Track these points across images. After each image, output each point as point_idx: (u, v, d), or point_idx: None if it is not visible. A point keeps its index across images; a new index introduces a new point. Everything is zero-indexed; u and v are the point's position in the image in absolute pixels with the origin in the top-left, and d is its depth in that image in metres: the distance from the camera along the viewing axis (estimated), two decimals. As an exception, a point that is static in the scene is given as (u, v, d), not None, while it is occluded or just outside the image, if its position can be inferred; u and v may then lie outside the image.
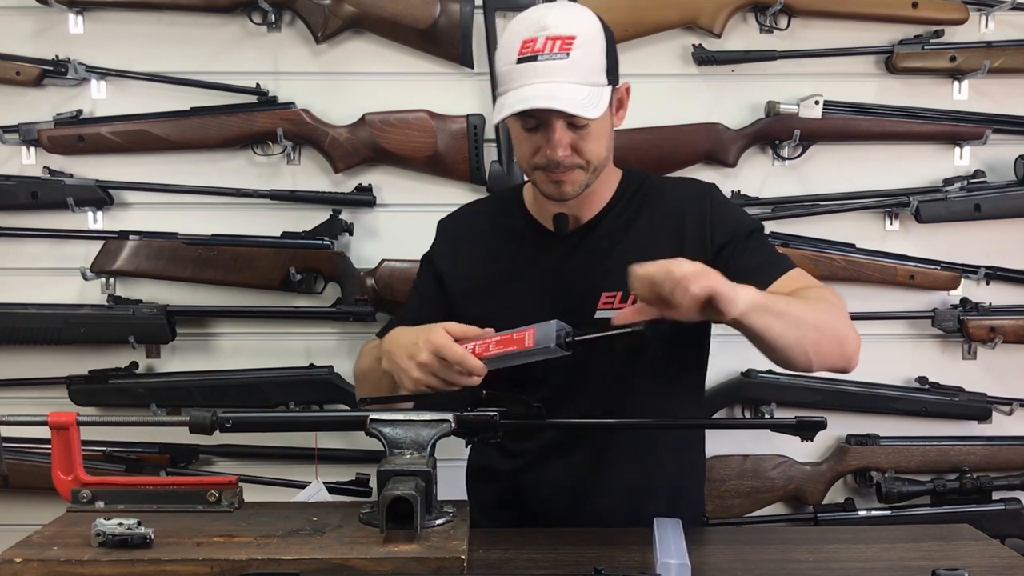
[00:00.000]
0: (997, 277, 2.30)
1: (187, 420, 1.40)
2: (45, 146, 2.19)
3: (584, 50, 1.48)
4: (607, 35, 1.54)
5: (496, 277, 1.67)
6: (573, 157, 1.53)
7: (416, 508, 1.24)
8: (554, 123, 1.50)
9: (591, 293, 1.60)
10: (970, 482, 2.23)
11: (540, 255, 1.66)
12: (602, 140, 1.55)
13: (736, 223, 1.64)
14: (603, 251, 1.63)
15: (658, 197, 1.67)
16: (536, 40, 1.48)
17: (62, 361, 2.25)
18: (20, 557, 1.21)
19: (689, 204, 1.64)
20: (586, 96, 1.48)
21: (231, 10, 2.19)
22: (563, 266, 1.64)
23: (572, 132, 1.51)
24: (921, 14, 2.21)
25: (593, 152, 1.54)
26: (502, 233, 1.71)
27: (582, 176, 1.56)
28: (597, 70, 1.51)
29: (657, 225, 1.64)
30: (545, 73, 1.47)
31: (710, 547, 1.37)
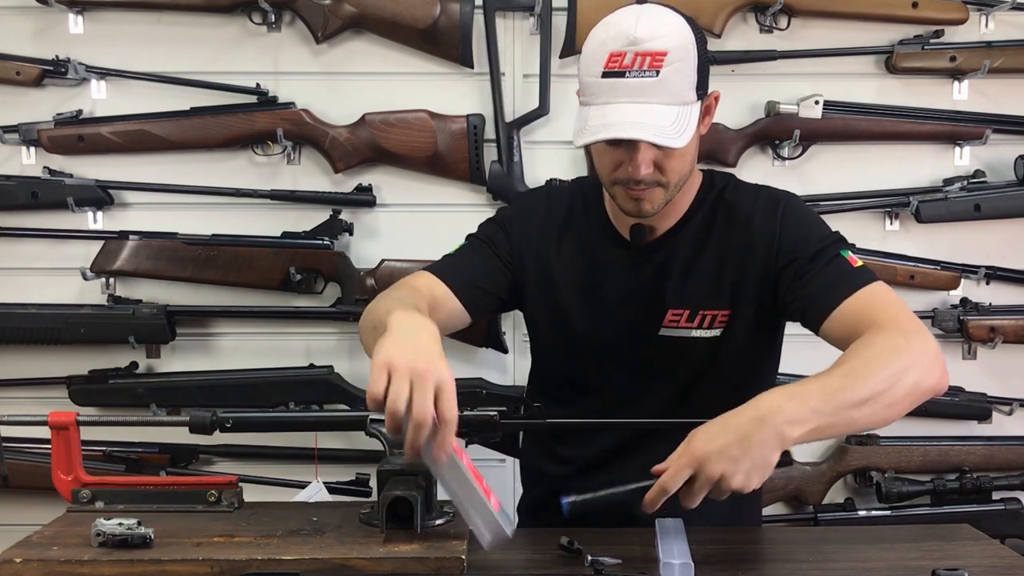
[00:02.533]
0: (997, 277, 2.30)
1: (187, 420, 1.40)
2: (45, 146, 2.19)
3: (675, 66, 1.39)
4: (700, 45, 1.44)
5: (566, 275, 1.61)
6: (655, 175, 1.45)
7: (416, 508, 1.24)
8: (639, 142, 1.41)
9: (658, 309, 1.56)
10: (970, 482, 2.23)
11: (613, 263, 1.60)
12: (686, 157, 1.47)
13: (801, 243, 1.52)
14: (674, 268, 1.57)
15: (734, 210, 1.58)
16: (624, 55, 1.39)
17: (62, 361, 2.25)
18: (20, 557, 1.21)
19: (760, 220, 1.55)
20: (674, 120, 1.39)
21: (231, 10, 2.19)
22: (634, 278, 1.58)
23: (657, 150, 1.42)
24: (921, 14, 2.21)
25: (676, 170, 1.46)
26: (578, 230, 1.63)
27: (662, 195, 1.48)
28: (687, 87, 1.41)
29: (731, 243, 1.56)
30: (632, 92, 1.39)
31: (710, 547, 1.37)
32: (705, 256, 1.57)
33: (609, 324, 1.59)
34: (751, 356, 1.60)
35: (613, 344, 1.59)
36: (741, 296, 1.55)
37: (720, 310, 1.55)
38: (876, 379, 1.32)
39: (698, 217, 1.59)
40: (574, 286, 1.61)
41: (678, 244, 1.59)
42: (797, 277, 1.49)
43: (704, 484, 1.23)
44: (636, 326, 1.58)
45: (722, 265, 1.56)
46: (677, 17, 1.44)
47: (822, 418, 1.26)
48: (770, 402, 1.26)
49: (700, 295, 1.56)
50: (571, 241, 1.63)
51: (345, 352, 2.29)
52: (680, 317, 1.56)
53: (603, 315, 1.59)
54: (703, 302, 1.56)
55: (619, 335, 1.59)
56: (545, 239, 1.63)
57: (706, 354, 1.57)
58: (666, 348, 1.57)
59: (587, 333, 1.60)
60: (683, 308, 1.56)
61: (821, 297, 1.46)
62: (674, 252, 1.58)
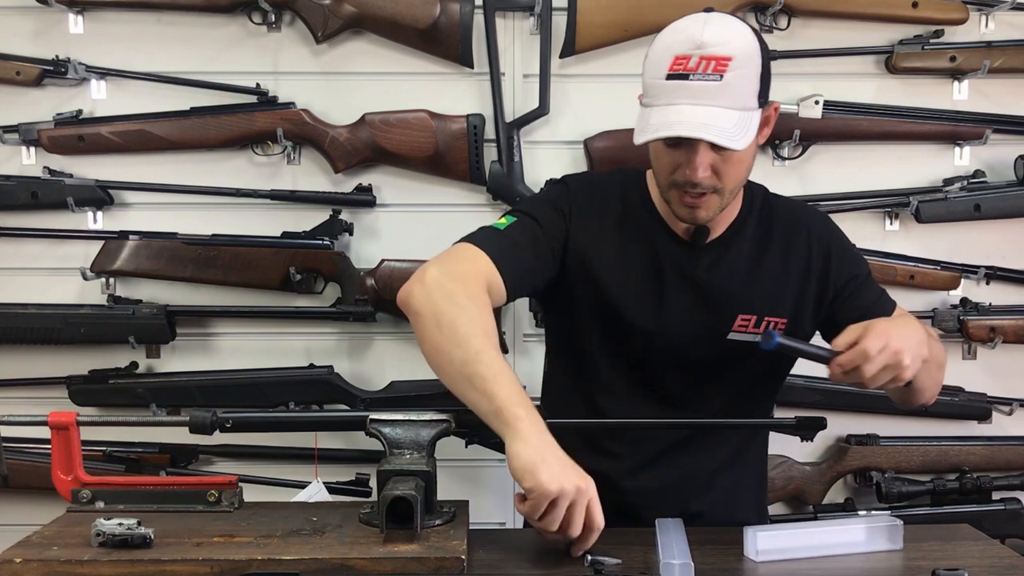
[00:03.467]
0: (997, 277, 2.30)
1: (187, 420, 1.40)
2: (45, 146, 2.19)
3: (739, 72, 1.40)
4: (764, 55, 1.45)
5: (627, 270, 1.57)
6: (713, 180, 1.45)
7: (416, 508, 1.24)
8: (698, 144, 1.42)
9: (728, 313, 1.57)
10: (970, 482, 2.23)
11: (678, 262, 1.58)
12: (744, 164, 1.49)
13: (858, 261, 1.66)
14: (741, 271, 1.58)
15: (786, 219, 1.63)
16: (690, 58, 1.40)
17: (62, 361, 2.25)
18: (20, 557, 1.21)
19: (817, 234, 1.62)
20: (735, 124, 1.40)
21: (231, 10, 2.19)
22: (702, 279, 1.57)
23: (715, 153, 1.43)
24: (921, 14, 2.21)
25: (733, 177, 1.48)
26: (633, 224, 1.59)
27: (717, 202, 1.49)
28: (750, 94, 1.42)
29: (790, 251, 1.60)
30: (695, 94, 1.40)
31: (710, 547, 1.37)
32: (768, 261, 1.59)
33: (676, 325, 1.57)
34: (788, 365, 1.68)
35: (678, 346, 1.58)
36: (800, 305, 1.59)
37: (781, 318, 1.58)
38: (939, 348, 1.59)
39: (752, 220, 1.61)
40: (637, 282, 1.58)
41: (741, 247, 1.59)
42: (857, 292, 1.60)
43: (890, 354, 1.36)
44: (705, 329, 1.57)
45: (784, 272, 1.59)
46: (744, 26, 1.45)
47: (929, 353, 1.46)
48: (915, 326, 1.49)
49: (766, 301, 1.58)
50: (632, 236, 1.59)
51: (345, 352, 2.29)
52: (748, 323, 1.57)
53: (669, 315, 1.57)
54: (768, 309, 1.57)
55: (686, 337, 1.57)
56: (606, 232, 1.58)
57: (759, 360, 1.57)
58: (729, 352, 1.58)
59: (650, 332, 1.57)
60: (752, 314, 1.57)
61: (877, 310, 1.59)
62: (738, 255, 1.59)
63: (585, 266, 1.57)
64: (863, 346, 1.36)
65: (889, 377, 1.38)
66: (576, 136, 2.24)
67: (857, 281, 1.62)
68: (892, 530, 1.39)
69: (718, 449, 1.63)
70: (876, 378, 1.37)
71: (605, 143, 2.20)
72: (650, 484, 1.60)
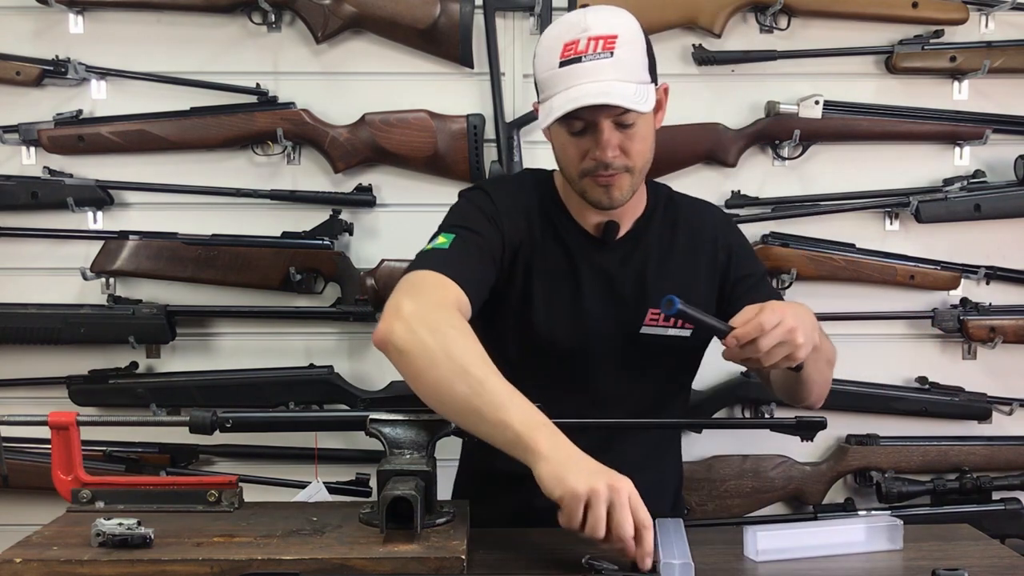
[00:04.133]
0: (997, 277, 2.30)
1: (187, 420, 1.40)
2: (45, 146, 2.19)
3: (628, 48, 1.47)
4: (645, 35, 1.53)
5: (548, 273, 1.61)
6: (622, 158, 1.50)
7: (416, 508, 1.24)
8: (602, 123, 1.47)
9: (639, 307, 1.60)
10: (970, 482, 2.23)
11: (590, 260, 1.61)
12: (648, 141, 1.54)
13: (755, 261, 1.72)
14: (650, 265, 1.62)
15: (691, 215, 1.68)
16: (578, 42, 1.46)
17: (62, 361, 2.25)
18: (20, 557, 1.21)
19: (721, 230, 1.69)
20: (635, 92, 1.46)
21: (231, 10, 2.19)
22: (613, 275, 1.61)
23: (620, 132, 1.49)
24: (921, 14, 2.21)
25: (640, 153, 1.52)
26: (548, 224, 1.62)
27: (629, 181, 1.53)
28: (641, 67, 1.50)
29: (697, 246, 1.65)
30: (591, 73, 1.45)
31: (710, 547, 1.37)
32: (675, 256, 1.63)
33: (592, 321, 1.60)
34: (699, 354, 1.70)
35: (597, 344, 1.60)
36: (706, 299, 1.63)
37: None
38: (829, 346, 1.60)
39: (657, 216, 1.66)
40: (554, 281, 1.61)
41: (649, 242, 1.63)
42: (753, 287, 1.64)
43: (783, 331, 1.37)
44: (618, 324, 1.60)
45: (692, 266, 1.63)
46: (621, 9, 1.53)
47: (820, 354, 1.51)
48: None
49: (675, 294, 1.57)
50: (547, 234, 1.62)
51: (345, 352, 2.29)
52: (659, 316, 1.59)
53: (585, 312, 1.60)
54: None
55: (602, 333, 1.60)
56: (529, 231, 1.61)
57: (677, 353, 1.63)
58: (645, 347, 1.61)
59: (571, 333, 1.60)
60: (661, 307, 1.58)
61: None
62: (647, 250, 1.63)
63: (516, 267, 1.59)
64: (759, 319, 1.38)
65: (784, 354, 1.39)
66: (576, 136, 2.24)
67: (752, 279, 1.66)
68: (892, 530, 1.40)
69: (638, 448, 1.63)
70: (771, 354, 1.39)
71: (605, 143, 2.20)
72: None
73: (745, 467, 2.27)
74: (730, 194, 2.25)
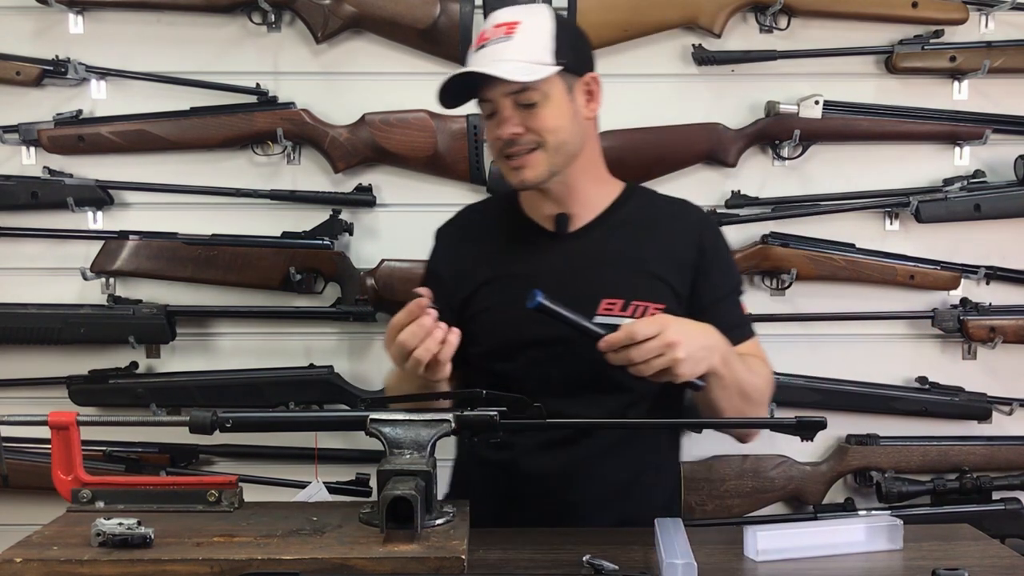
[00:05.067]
0: (997, 277, 2.30)
1: (187, 420, 1.40)
2: (45, 146, 2.19)
3: (528, 33, 1.53)
4: (561, 25, 1.57)
5: (498, 279, 1.65)
6: (526, 135, 1.54)
7: (416, 508, 1.24)
8: (500, 101, 1.54)
9: (591, 298, 1.59)
10: (970, 482, 2.23)
11: (540, 256, 1.64)
12: (559, 120, 1.55)
13: (731, 271, 1.70)
14: (605, 257, 1.62)
15: (667, 215, 1.68)
16: (485, 31, 1.56)
17: (62, 361, 2.25)
18: (20, 557, 1.21)
19: (692, 224, 1.68)
20: (519, 67, 1.50)
21: (231, 10, 2.19)
22: (564, 267, 1.62)
23: (522, 112, 1.54)
24: (921, 14, 2.21)
25: (549, 130, 1.54)
26: (501, 235, 1.69)
27: (542, 158, 1.56)
28: (541, 49, 1.53)
29: (665, 244, 1.64)
30: (489, 55, 1.53)
31: (710, 547, 1.37)
32: (640, 250, 1.63)
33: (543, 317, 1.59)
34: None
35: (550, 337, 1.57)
36: (675, 297, 1.61)
37: (654, 303, 1.58)
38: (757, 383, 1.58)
39: (622, 211, 1.66)
40: (509, 286, 1.62)
41: (604, 234, 1.64)
42: (715, 302, 1.63)
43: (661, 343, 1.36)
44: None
45: (659, 261, 1.62)
46: (544, 6, 1.62)
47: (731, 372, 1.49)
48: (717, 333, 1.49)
49: (634, 286, 1.59)
50: (492, 247, 1.67)
51: (345, 352, 2.29)
52: (614, 306, 1.58)
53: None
54: (638, 293, 1.59)
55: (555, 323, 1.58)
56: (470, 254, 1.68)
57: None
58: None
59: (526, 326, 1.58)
60: (617, 297, 1.58)
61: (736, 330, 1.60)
62: (602, 241, 1.63)
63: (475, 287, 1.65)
64: (632, 328, 1.37)
65: (661, 366, 1.38)
66: (576, 136, 2.24)
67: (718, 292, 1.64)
68: (892, 530, 1.40)
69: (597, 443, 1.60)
70: (647, 365, 1.37)
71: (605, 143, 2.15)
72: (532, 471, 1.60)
73: (745, 467, 2.27)
74: (730, 194, 2.25)
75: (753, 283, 2.30)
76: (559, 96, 1.54)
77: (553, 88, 1.53)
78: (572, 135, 1.58)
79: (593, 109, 1.62)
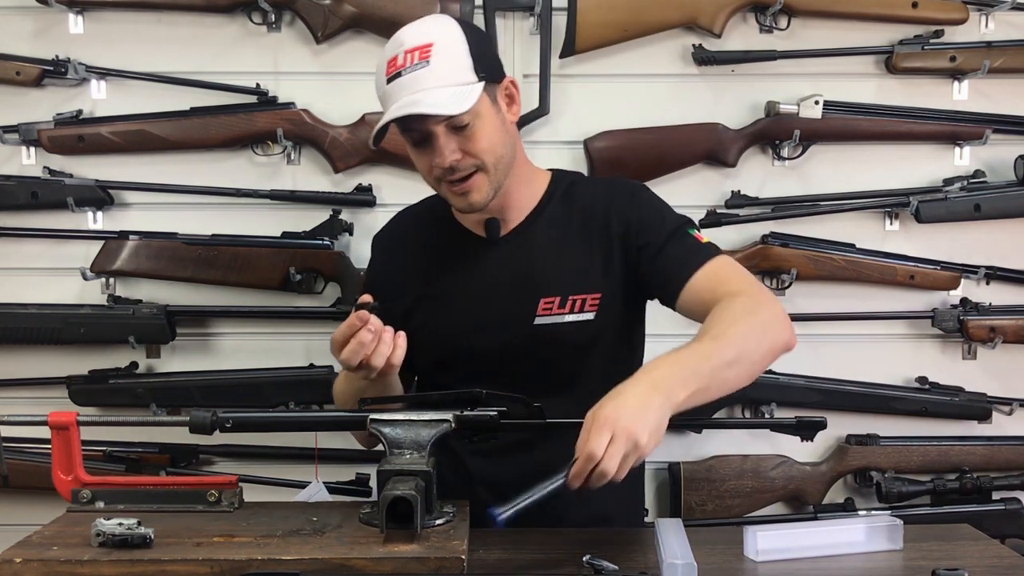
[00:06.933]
0: (997, 277, 2.30)
1: (187, 420, 1.40)
2: (45, 146, 2.19)
3: (443, 54, 1.49)
4: (470, 35, 1.54)
5: (434, 289, 1.66)
6: (466, 160, 1.52)
7: (416, 508, 1.24)
8: (434, 131, 1.50)
9: (529, 300, 1.59)
10: (970, 482, 2.23)
11: (475, 263, 1.64)
12: (493, 137, 1.54)
13: (658, 224, 1.61)
14: (538, 257, 1.61)
15: (588, 199, 1.66)
16: (397, 57, 1.51)
17: (62, 361, 2.24)
18: (20, 557, 1.21)
19: (616, 207, 1.63)
20: (450, 95, 1.48)
21: (231, 10, 2.19)
22: (499, 273, 1.62)
23: (457, 136, 1.51)
24: (921, 14, 2.21)
25: (486, 151, 1.53)
26: (435, 244, 1.69)
27: (484, 180, 1.54)
28: (462, 69, 1.51)
29: (589, 229, 1.63)
30: (409, 86, 1.49)
31: (710, 547, 1.37)
32: (568, 243, 1.62)
33: (485, 323, 1.61)
34: (627, 336, 1.67)
35: (493, 342, 1.60)
36: (609, 279, 1.60)
37: (590, 293, 1.59)
38: (741, 340, 1.41)
39: (551, 207, 1.65)
40: (446, 296, 1.64)
41: (538, 233, 1.63)
42: (652, 257, 1.58)
43: (622, 442, 1.25)
44: (512, 319, 1.60)
45: (588, 250, 1.61)
46: (441, 16, 1.59)
47: (701, 380, 1.35)
48: (657, 370, 1.35)
49: (569, 281, 1.59)
50: (425, 258, 1.68)
51: (345, 352, 2.29)
52: (552, 304, 1.59)
53: (477, 315, 1.61)
54: (573, 287, 1.59)
55: (497, 332, 1.60)
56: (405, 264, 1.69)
57: (584, 338, 1.60)
58: (544, 337, 1.59)
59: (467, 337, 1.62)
60: (554, 295, 1.58)
61: (674, 273, 1.55)
62: (534, 241, 1.63)
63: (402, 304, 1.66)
64: (588, 448, 1.26)
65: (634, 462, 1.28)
66: (576, 136, 2.24)
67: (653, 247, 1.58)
68: (892, 530, 1.40)
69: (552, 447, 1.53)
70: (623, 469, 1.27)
71: (605, 143, 2.20)
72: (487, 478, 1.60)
73: (745, 467, 2.27)
74: (730, 194, 2.25)
75: (753, 283, 2.30)
76: (487, 111, 1.53)
77: (481, 105, 1.51)
78: (506, 146, 1.57)
79: (516, 112, 1.61)
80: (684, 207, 2.21)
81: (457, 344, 1.63)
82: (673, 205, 1.70)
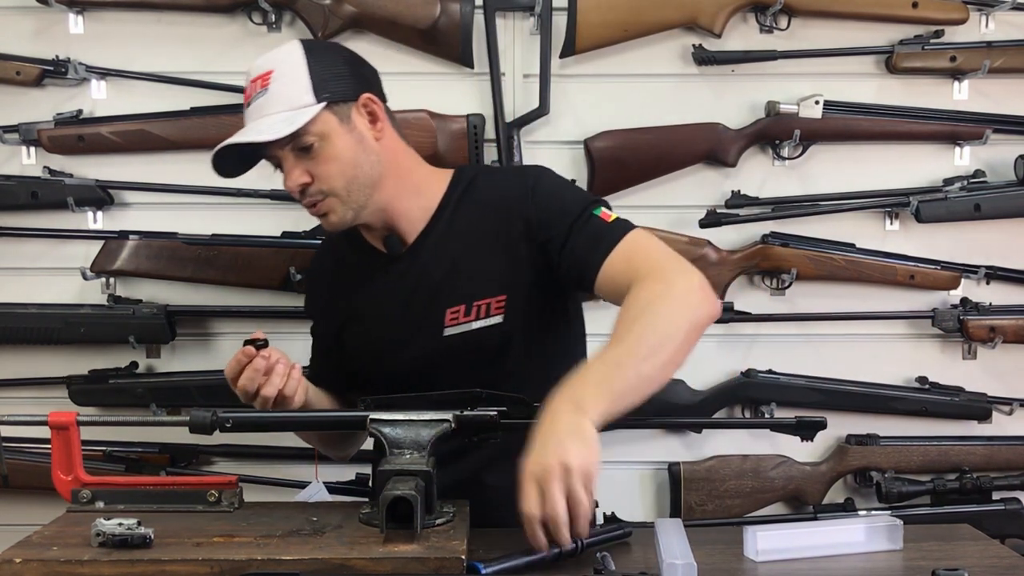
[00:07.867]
0: (997, 277, 2.30)
1: (187, 420, 1.40)
2: (45, 146, 2.19)
3: (280, 81, 1.51)
4: (315, 58, 1.53)
5: (354, 310, 1.67)
6: (316, 184, 1.53)
7: (416, 508, 1.24)
8: (279, 156, 1.53)
9: (436, 311, 1.58)
10: (970, 482, 2.23)
11: (383, 280, 1.64)
12: (344, 157, 1.53)
13: (556, 214, 1.55)
14: (439, 267, 1.60)
15: (487, 196, 1.62)
16: (247, 88, 1.55)
17: (62, 361, 2.25)
18: (20, 557, 1.21)
19: (513, 199, 1.59)
20: (281, 120, 1.49)
21: (231, 10, 2.19)
22: (405, 288, 1.61)
23: (304, 159, 1.52)
24: (921, 14, 2.21)
25: (335, 175, 1.53)
26: (347, 266, 1.69)
27: (336, 203, 1.55)
28: (300, 92, 1.50)
29: (488, 231, 1.59)
30: (254, 113, 1.52)
31: (710, 547, 1.37)
32: (469, 248, 1.60)
33: (398, 340, 1.61)
34: (546, 333, 1.63)
35: (408, 358, 1.60)
36: (513, 279, 1.57)
37: (494, 296, 1.57)
38: (652, 334, 1.35)
39: (448, 211, 1.62)
40: (363, 316, 1.65)
41: (434, 242, 1.61)
42: (561, 248, 1.53)
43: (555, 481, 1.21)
44: (422, 333, 1.59)
45: (488, 253, 1.58)
46: (290, 43, 1.56)
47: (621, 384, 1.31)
48: (572, 393, 1.30)
49: (472, 287, 1.58)
50: (341, 280, 1.70)
51: (345, 352, 2.29)
52: (459, 313, 1.58)
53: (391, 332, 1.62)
54: (477, 293, 1.57)
55: (411, 347, 1.60)
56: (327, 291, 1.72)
57: (497, 342, 1.58)
58: (457, 347, 1.58)
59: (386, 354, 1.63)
60: (459, 304, 1.57)
61: (586, 261, 1.50)
62: (433, 251, 1.61)
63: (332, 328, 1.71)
64: (525, 513, 1.22)
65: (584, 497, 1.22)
66: (576, 136, 2.24)
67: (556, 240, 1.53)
68: (892, 530, 1.40)
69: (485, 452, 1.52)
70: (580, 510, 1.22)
71: (605, 143, 2.20)
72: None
73: (745, 467, 2.27)
74: (730, 194, 2.25)
75: (753, 283, 2.30)
76: (335, 132, 1.52)
77: (326, 126, 1.51)
78: (364, 166, 1.55)
79: (381, 129, 1.57)
80: (684, 207, 2.24)
81: (380, 361, 1.65)
82: (673, 205, 1.69)
